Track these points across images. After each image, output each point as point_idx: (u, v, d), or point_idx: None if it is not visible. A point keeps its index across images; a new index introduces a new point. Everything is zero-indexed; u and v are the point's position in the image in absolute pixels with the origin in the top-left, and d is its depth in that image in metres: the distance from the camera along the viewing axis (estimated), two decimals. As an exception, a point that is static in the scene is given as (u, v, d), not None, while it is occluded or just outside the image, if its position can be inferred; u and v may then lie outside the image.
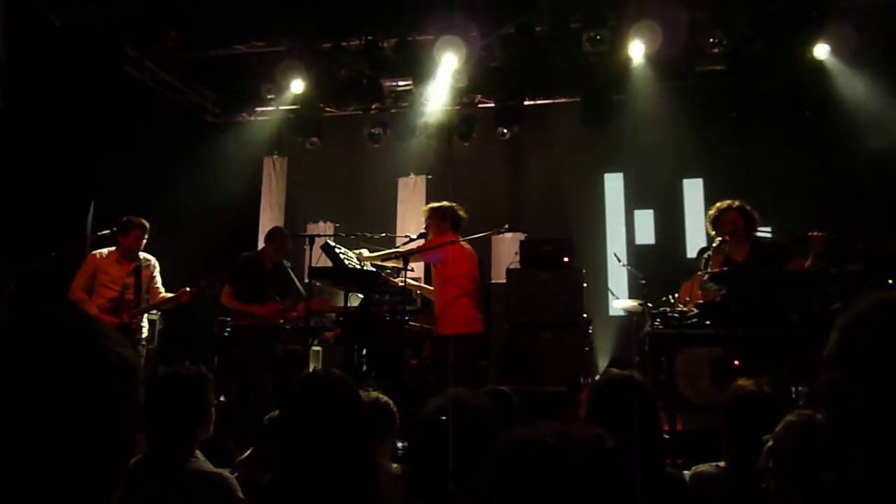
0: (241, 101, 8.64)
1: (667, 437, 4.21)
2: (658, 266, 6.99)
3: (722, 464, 2.54)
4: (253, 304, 5.80)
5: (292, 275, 6.06)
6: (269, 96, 8.13)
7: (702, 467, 2.60)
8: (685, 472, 2.77)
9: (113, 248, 5.62)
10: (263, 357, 5.79)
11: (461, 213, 5.59)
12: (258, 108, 8.68)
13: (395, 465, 2.78)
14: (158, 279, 5.78)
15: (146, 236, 5.63)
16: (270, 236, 6.08)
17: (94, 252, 5.63)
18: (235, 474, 2.65)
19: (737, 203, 4.94)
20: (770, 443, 1.96)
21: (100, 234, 5.65)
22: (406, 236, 6.12)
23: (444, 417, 1.73)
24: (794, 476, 1.77)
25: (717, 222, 4.95)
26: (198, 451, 2.50)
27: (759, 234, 4.97)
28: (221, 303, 5.96)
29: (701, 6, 6.82)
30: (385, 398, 2.92)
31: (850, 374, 1.04)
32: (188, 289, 5.64)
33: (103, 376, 0.92)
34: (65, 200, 6.43)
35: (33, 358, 0.89)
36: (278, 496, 1.82)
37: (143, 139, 7.21)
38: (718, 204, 5.03)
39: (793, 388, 4.40)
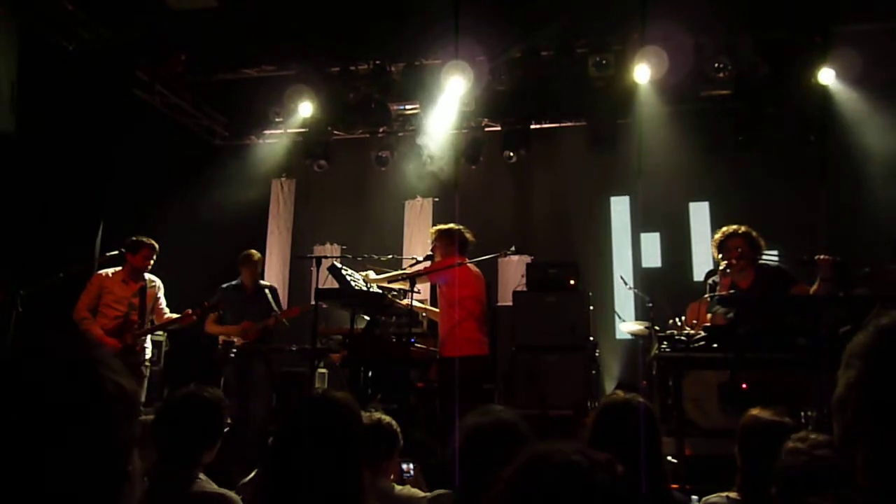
0: (249, 124, 8.71)
1: (675, 461, 4.17)
2: (665, 289, 6.97)
3: (733, 494, 2.49)
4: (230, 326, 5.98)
5: (270, 297, 6.13)
6: (277, 119, 8.20)
7: (712, 498, 2.55)
8: (693, 496, 2.74)
9: (119, 268, 5.64)
10: (248, 378, 5.85)
11: (469, 236, 5.59)
12: (266, 131, 8.75)
13: (398, 487, 2.76)
14: (163, 300, 5.81)
15: (155, 257, 5.67)
16: (240, 260, 6.21)
17: (100, 271, 5.66)
18: (240, 496, 2.64)
19: (742, 229, 4.90)
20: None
21: (108, 255, 5.68)
22: (412, 258, 6.13)
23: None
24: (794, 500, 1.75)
25: (722, 247, 4.92)
26: (201, 473, 2.50)
27: (764, 259, 4.94)
28: (205, 330, 6.06)
29: (705, 31, 6.87)
30: (388, 419, 2.91)
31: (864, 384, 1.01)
32: (189, 311, 5.68)
33: (99, 406, 0.92)
34: (74, 222, 6.48)
35: (27, 387, 0.89)
36: None
37: (152, 161, 7.27)
38: (724, 229, 5.00)
39: (802, 413, 4.37)
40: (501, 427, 1.99)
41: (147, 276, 5.72)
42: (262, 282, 6.33)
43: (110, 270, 5.64)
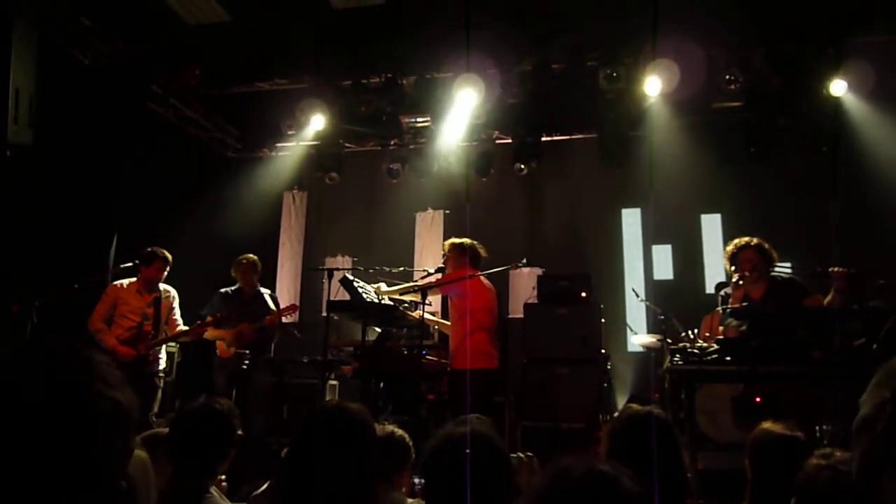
0: (262, 137, 8.79)
1: (688, 475, 4.14)
2: (677, 301, 6.93)
3: (743, 509, 2.48)
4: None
5: (268, 300, 6.13)
6: (289, 132, 8.26)
7: (724, 513, 2.54)
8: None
9: (133, 279, 5.69)
10: (246, 388, 5.85)
11: (482, 251, 5.60)
12: (279, 144, 8.81)
13: (410, 500, 2.76)
14: (177, 310, 5.85)
15: (168, 268, 5.72)
16: (234, 266, 6.24)
17: (115, 282, 5.72)
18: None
19: (754, 241, 4.88)
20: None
21: (123, 266, 5.73)
22: (424, 270, 6.14)
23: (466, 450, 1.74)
24: None
25: (734, 259, 4.89)
26: (213, 488, 2.50)
27: (776, 271, 4.91)
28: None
29: (716, 43, 6.87)
30: (400, 432, 2.90)
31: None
32: (200, 322, 5.71)
33: (91, 419, 0.92)
34: (88, 234, 6.53)
35: (21, 396, 0.90)
36: None
37: (165, 174, 7.33)
38: (736, 241, 4.97)
39: (817, 428, 4.33)
40: (473, 438, 1.95)
41: (162, 286, 5.77)
42: (260, 288, 6.34)
43: (125, 281, 5.69)
